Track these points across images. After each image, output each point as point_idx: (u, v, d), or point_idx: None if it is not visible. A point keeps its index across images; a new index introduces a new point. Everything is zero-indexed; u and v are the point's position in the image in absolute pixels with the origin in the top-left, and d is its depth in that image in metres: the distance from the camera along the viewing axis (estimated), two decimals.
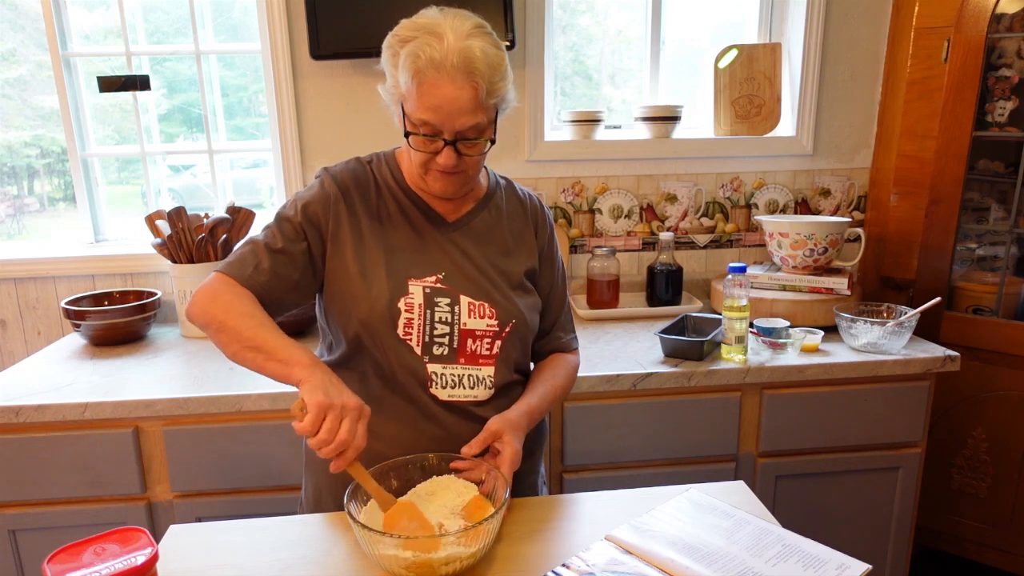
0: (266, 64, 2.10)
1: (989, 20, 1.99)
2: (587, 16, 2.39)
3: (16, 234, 2.34)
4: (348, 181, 1.18)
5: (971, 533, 2.24)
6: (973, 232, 2.26)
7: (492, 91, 1.06)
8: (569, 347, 1.35)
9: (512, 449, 1.09)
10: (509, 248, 1.23)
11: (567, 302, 1.35)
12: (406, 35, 1.05)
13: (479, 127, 1.08)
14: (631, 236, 2.33)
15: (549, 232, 1.30)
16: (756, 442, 1.78)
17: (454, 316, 1.15)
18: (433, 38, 1.03)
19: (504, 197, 1.27)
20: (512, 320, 1.18)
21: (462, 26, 1.04)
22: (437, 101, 1.04)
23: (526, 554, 1.02)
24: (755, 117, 2.30)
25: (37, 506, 1.61)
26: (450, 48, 1.02)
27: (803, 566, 0.96)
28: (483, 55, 1.03)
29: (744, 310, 1.69)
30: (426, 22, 1.05)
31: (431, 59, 1.02)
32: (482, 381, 1.17)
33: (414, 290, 1.14)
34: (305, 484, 1.31)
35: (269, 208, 2.35)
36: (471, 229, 1.21)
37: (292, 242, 1.14)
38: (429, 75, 1.03)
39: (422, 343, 1.13)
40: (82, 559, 0.86)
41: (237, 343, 1.05)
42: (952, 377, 1.98)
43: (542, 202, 1.32)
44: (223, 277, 1.12)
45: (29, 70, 2.21)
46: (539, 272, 1.27)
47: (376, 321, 1.12)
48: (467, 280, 1.17)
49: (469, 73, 1.03)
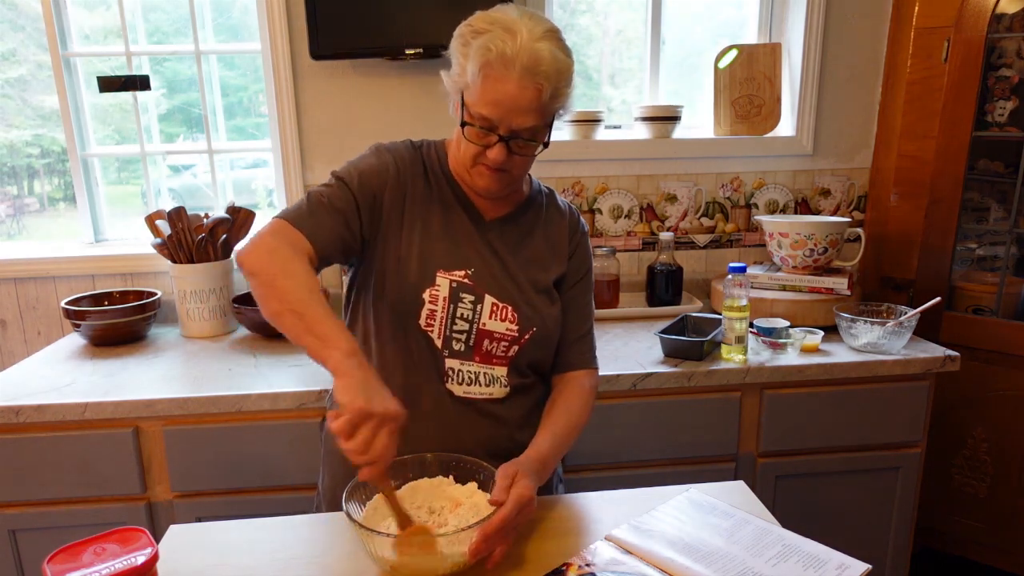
0: (266, 64, 2.10)
1: (989, 20, 1.99)
2: (587, 16, 2.39)
3: (16, 234, 2.34)
4: (402, 159, 1.18)
5: (971, 533, 2.24)
6: (973, 232, 2.26)
7: (556, 95, 1.06)
8: (583, 365, 1.27)
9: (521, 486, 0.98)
10: (542, 256, 1.22)
11: (586, 316, 1.29)
12: (481, 27, 1.05)
13: (534, 129, 1.08)
14: (631, 236, 2.33)
15: (583, 246, 1.28)
16: (756, 442, 1.78)
17: (475, 314, 1.14)
18: (507, 34, 1.02)
19: (545, 205, 1.26)
20: (533, 328, 1.17)
21: (537, 27, 1.04)
22: (499, 96, 1.04)
23: (526, 554, 1.02)
24: (755, 117, 2.30)
25: (37, 506, 1.61)
26: (522, 46, 1.02)
27: (803, 566, 0.96)
28: (552, 59, 1.03)
29: (744, 310, 1.69)
30: (502, 17, 1.05)
31: (502, 54, 1.02)
32: (497, 380, 1.17)
33: (441, 282, 1.13)
34: (322, 476, 1.31)
35: (268, 209, 2.35)
36: (506, 231, 1.21)
37: (348, 204, 1.13)
38: (497, 69, 1.03)
39: (443, 336, 1.13)
40: (82, 559, 0.86)
41: (282, 303, 1.00)
42: (952, 377, 1.97)
43: (580, 216, 1.31)
44: (285, 225, 1.08)
45: (29, 70, 2.21)
46: (566, 283, 1.25)
47: (402, 307, 1.13)
48: (494, 280, 1.17)
49: (536, 74, 1.03)
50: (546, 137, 1.11)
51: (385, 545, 0.91)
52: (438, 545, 0.93)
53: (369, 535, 0.91)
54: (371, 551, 0.94)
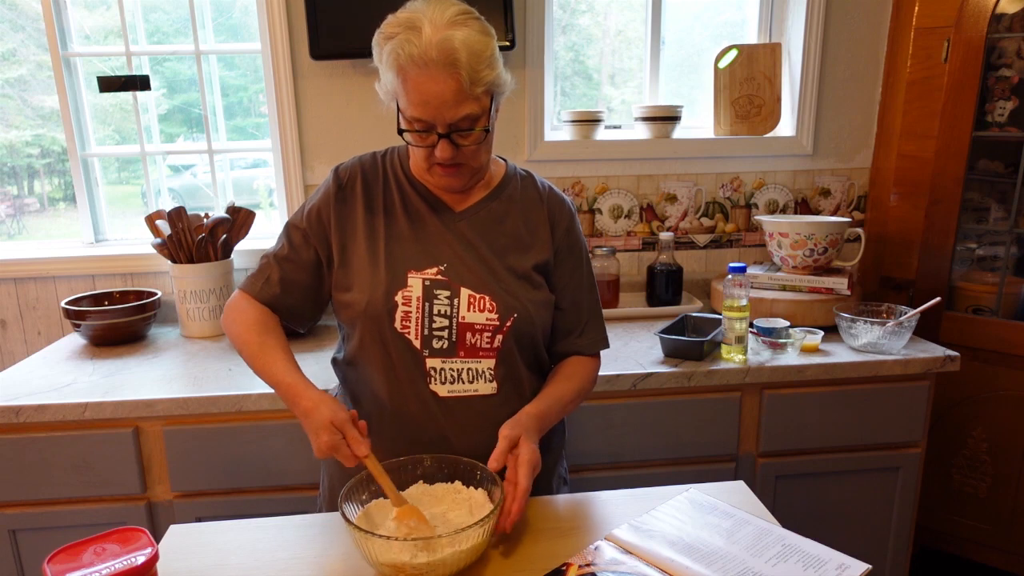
0: (266, 64, 2.10)
1: (989, 20, 1.99)
2: (587, 16, 2.39)
3: (16, 234, 2.34)
4: (354, 174, 1.20)
5: (971, 533, 2.24)
6: (973, 232, 2.26)
7: (476, 80, 1.03)
8: (585, 351, 1.27)
9: (527, 450, 1.04)
10: (520, 240, 1.20)
11: (588, 304, 1.27)
12: (389, 31, 1.05)
13: (471, 117, 1.06)
14: (631, 236, 2.33)
15: (566, 227, 1.24)
16: (756, 442, 1.78)
17: (453, 309, 1.14)
18: (412, 33, 1.01)
19: (520, 188, 1.24)
20: (514, 314, 1.15)
21: (442, 16, 1.02)
22: (423, 96, 1.03)
23: (526, 554, 1.02)
24: (755, 117, 2.30)
25: (37, 506, 1.61)
26: (428, 42, 1.00)
27: (803, 566, 0.96)
28: (463, 45, 1.01)
29: (744, 310, 1.69)
30: (407, 16, 1.03)
31: (410, 55, 1.01)
32: (481, 374, 1.15)
33: (413, 283, 1.13)
34: (323, 477, 1.32)
35: (267, 209, 2.35)
36: (478, 219, 1.19)
37: (299, 248, 1.19)
38: (412, 72, 1.02)
39: (421, 336, 1.13)
40: (82, 559, 0.86)
41: (248, 363, 1.16)
42: (952, 377, 1.98)
43: (564, 197, 1.27)
44: (241, 294, 1.21)
45: (29, 70, 2.21)
46: (554, 268, 1.23)
47: (374, 314, 1.12)
48: (469, 272, 1.16)
49: (449, 65, 1.01)
50: (487, 122, 1.09)
51: (381, 547, 0.91)
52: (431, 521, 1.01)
53: (365, 537, 0.91)
54: (366, 554, 0.94)
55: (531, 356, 1.22)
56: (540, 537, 1.06)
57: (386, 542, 0.91)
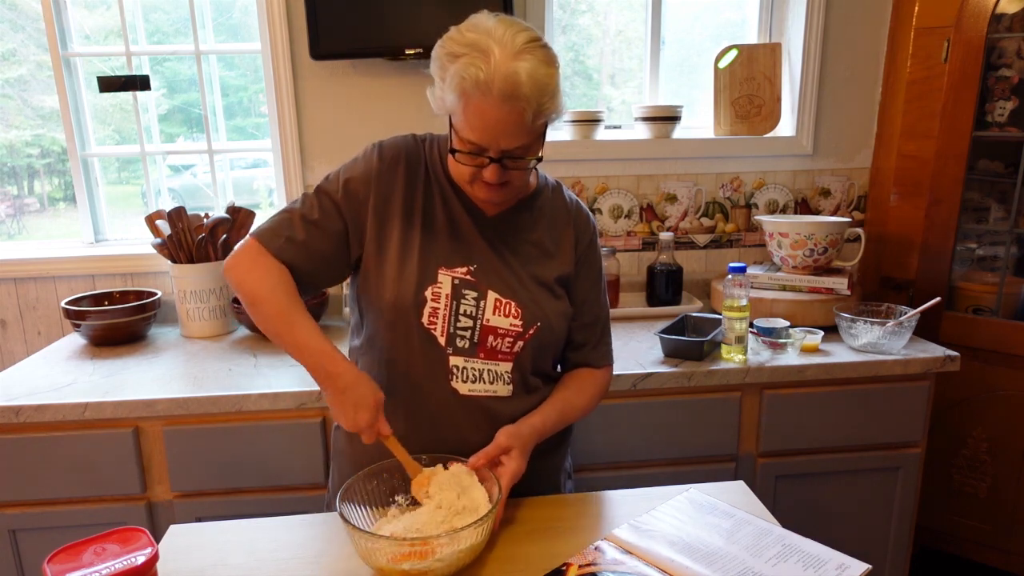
0: (266, 64, 2.10)
1: (989, 20, 1.99)
2: (587, 16, 2.39)
3: (16, 234, 2.34)
4: (398, 156, 1.17)
5: (971, 533, 2.24)
6: (973, 232, 2.26)
7: (539, 113, 1.03)
8: (598, 363, 1.29)
9: (515, 465, 1.08)
10: (546, 250, 1.21)
11: (603, 317, 1.29)
12: (455, 50, 1.01)
13: (525, 146, 1.06)
14: (631, 236, 2.33)
15: (588, 241, 1.25)
16: (756, 442, 1.78)
17: (478, 311, 1.14)
18: (480, 57, 0.99)
19: (550, 199, 1.25)
20: (537, 323, 1.16)
21: (512, 42, 0.99)
22: (484, 123, 1.02)
23: (526, 554, 1.02)
24: (755, 117, 2.30)
25: (37, 506, 1.61)
26: (496, 71, 0.98)
27: (803, 566, 0.96)
28: (529, 79, 0.99)
29: (744, 310, 1.69)
30: (475, 38, 1.01)
31: (476, 81, 0.98)
32: (500, 377, 1.16)
33: (443, 279, 1.13)
34: (332, 475, 1.32)
35: (267, 209, 2.35)
36: (509, 226, 1.20)
37: (329, 216, 1.15)
38: (475, 98, 1.00)
39: (447, 334, 1.13)
40: (82, 559, 0.86)
41: (265, 322, 1.12)
42: (952, 377, 1.97)
43: (589, 213, 1.29)
44: (256, 246, 1.14)
45: (29, 70, 2.21)
46: (574, 281, 1.24)
47: (403, 306, 1.12)
48: (497, 276, 1.16)
49: (515, 99, 0.99)
50: (540, 150, 1.10)
51: (378, 548, 0.91)
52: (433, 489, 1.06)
53: (363, 536, 0.92)
54: (363, 553, 0.94)
55: (546, 364, 1.23)
56: (540, 537, 1.06)
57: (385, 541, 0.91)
